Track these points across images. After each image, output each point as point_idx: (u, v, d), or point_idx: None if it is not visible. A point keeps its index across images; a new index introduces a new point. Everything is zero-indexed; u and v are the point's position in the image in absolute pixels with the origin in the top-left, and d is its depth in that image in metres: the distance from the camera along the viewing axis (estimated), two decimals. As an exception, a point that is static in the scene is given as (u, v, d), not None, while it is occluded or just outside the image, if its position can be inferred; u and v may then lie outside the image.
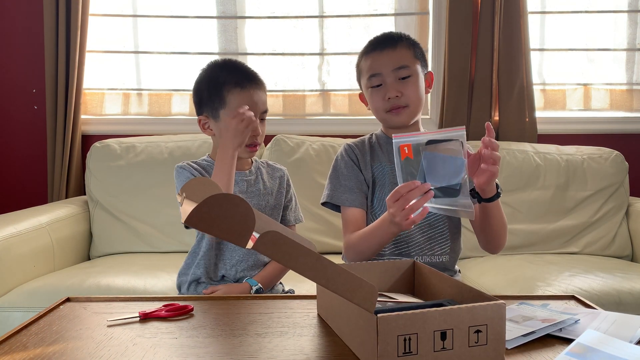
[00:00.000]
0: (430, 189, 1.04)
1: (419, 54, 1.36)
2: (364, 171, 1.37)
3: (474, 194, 1.19)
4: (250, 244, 0.69)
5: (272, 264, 1.41)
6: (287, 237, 0.70)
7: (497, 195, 1.19)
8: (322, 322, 0.90)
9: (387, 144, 1.38)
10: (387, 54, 1.32)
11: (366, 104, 1.40)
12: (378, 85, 1.32)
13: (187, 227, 1.41)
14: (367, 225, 1.29)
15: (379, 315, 0.69)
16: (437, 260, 1.33)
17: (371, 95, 1.35)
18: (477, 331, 0.72)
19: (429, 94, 1.88)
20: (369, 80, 1.34)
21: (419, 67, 1.34)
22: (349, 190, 1.35)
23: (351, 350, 0.79)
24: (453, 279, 0.88)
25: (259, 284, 1.34)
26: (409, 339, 0.70)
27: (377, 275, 0.99)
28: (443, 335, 0.71)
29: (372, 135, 1.45)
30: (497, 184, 1.21)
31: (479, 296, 0.79)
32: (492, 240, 1.30)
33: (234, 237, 0.69)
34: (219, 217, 0.68)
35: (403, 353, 0.69)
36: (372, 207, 1.38)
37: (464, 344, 0.72)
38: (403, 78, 1.31)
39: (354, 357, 0.76)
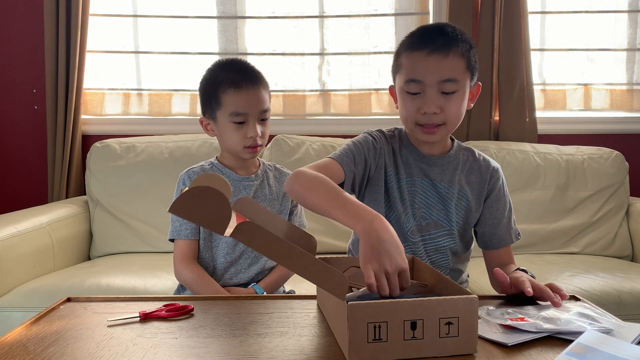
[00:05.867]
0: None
1: (471, 64, 1.15)
2: (378, 162, 1.21)
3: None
4: (229, 233, 0.75)
5: (276, 270, 1.41)
6: (263, 228, 0.76)
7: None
8: (322, 322, 0.90)
9: (409, 153, 1.23)
10: (436, 61, 1.11)
11: (395, 100, 1.22)
12: (415, 93, 1.14)
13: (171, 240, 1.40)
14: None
15: (349, 303, 0.72)
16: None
17: (404, 100, 1.16)
18: (448, 323, 0.74)
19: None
20: (407, 84, 1.14)
21: (467, 81, 1.15)
22: (347, 153, 1.17)
23: (335, 336, 0.82)
24: (443, 276, 0.88)
25: (264, 292, 1.34)
26: (379, 327, 0.72)
27: None
28: (413, 325, 0.73)
29: (394, 133, 1.27)
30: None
31: (459, 290, 0.80)
32: None
33: (212, 224, 0.76)
34: (198, 207, 0.75)
35: (373, 339, 0.72)
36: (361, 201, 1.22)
37: (435, 335, 0.74)
38: (447, 92, 1.13)
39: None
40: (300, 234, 0.96)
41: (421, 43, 1.14)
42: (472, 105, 1.21)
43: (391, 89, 1.25)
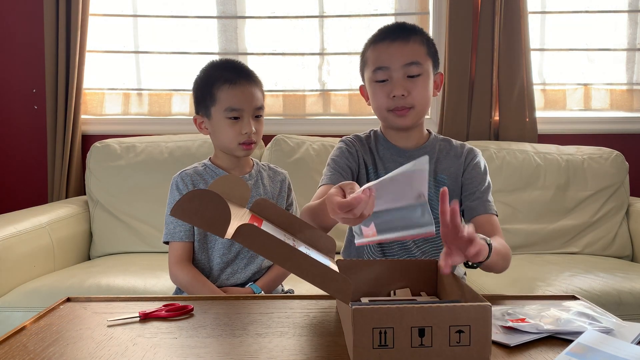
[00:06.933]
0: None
1: (432, 52, 1.24)
2: (359, 162, 1.28)
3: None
4: (229, 235, 0.75)
5: (273, 269, 1.41)
6: (264, 230, 0.76)
7: (486, 259, 0.97)
8: (322, 322, 0.90)
9: (385, 149, 1.30)
10: (399, 47, 1.20)
11: (366, 99, 1.29)
12: (383, 80, 1.21)
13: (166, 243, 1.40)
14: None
15: (354, 307, 0.71)
16: None
17: (374, 90, 1.23)
18: (459, 331, 0.71)
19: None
20: (374, 74, 1.22)
21: (430, 66, 1.23)
22: (333, 172, 1.24)
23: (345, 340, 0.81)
24: (460, 281, 0.88)
25: (262, 291, 1.34)
26: (385, 333, 0.70)
27: (398, 274, 0.98)
28: (421, 332, 0.71)
29: (370, 134, 1.34)
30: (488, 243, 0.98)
31: (474, 298, 0.78)
32: (496, 272, 1.19)
33: (212, 227, 0.76)
34: (199, 210, 0.75)
35: (379, 345, 0.71)
36: None
37: (444, 343, 0.71)
38: (412, 76, 1.20)
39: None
40: (318, 235, 0.95)
41: (383, 36, 1.23)
42: (437, 93, 1.28)
43: (361, 89, 1.31)
